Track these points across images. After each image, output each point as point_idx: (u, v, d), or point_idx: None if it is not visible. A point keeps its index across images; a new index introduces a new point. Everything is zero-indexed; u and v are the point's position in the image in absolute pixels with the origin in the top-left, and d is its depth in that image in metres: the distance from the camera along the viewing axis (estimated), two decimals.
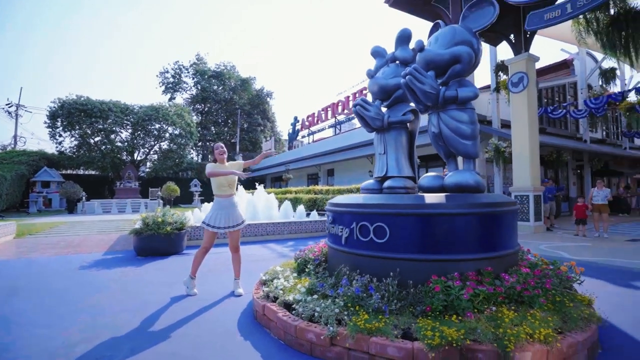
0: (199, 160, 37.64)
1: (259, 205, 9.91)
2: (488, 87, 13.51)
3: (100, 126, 25.06)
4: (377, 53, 3.95)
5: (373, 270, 2.79)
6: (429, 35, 3.55)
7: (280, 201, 11.77)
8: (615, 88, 16.00)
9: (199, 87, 38.42)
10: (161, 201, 21.15)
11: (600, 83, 15.65)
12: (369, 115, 3.54)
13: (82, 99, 24.58)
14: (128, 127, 26.73)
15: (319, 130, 29.85)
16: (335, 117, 26.76)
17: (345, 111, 25.18)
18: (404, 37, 3.64)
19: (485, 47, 12.24)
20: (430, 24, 3.91)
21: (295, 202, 12.83)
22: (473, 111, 3.20)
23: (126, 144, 27.00)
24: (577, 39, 8.05)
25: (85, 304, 3.48)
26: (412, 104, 3.52)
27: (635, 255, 5.90)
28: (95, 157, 25.30)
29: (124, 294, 3.85)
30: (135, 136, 27.17)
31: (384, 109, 3.71)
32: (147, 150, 28.86)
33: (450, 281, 2.48)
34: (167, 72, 38.27)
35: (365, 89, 20.52)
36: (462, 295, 2.37)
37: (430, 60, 3.12)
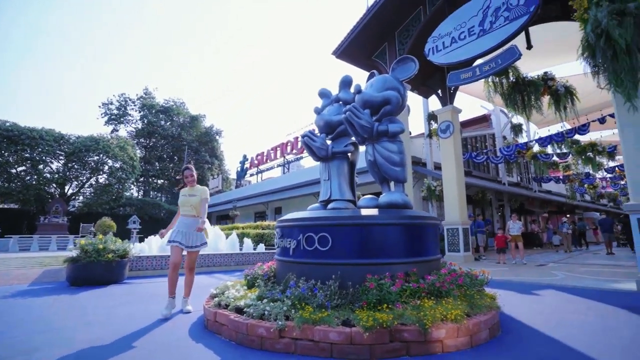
0: (140, 196, 35.49)
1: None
2: (422, 133, 15.24)
3: (27, 155, 22.92)
4: (323, 94, 4.61)
5: (318, 276, 3.14)
6: (366, 82, 4.29)
7: (228, 235, 11.65)
8: (523, 139, 18.90)
9: (145, 121, 37.21)
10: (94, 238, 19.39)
11: (512, 135, 18.43)
12: (316, 145, 4.08)
13: (8, 124, 22.54)
14: (61, 157, 24.75)
15: (267, 169, 30.19)
16: (284, 157, 27.44)
17: (294, 151, 25.97)
18: (346, 82, 4.34)
19: (419, 99, 14.05)
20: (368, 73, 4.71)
21: (242, 237, 12.76)
22: (401, 143, 3.88)
23: (57, 175, 24.80)
24: (487, 97, 9.72)
25: (27, 327, 3.30)
26: (353, 138, 4.15)
27: (539, 274, 6.96)
28: (15, 188, 22.76)
29: (64, 316, 3.68)
30: (69, 168, 25.16)
31: (328, 142, 4.29)
32: (81, 184, 26.70)
33: (382, 279, 2.92)
34: (112, 103, 36.72)
35: (313, 130, 21.65)
36: (392, 290, 2.81)
37: (367, 100, 3.80)
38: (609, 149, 13.44)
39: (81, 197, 27.70)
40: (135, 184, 35.75)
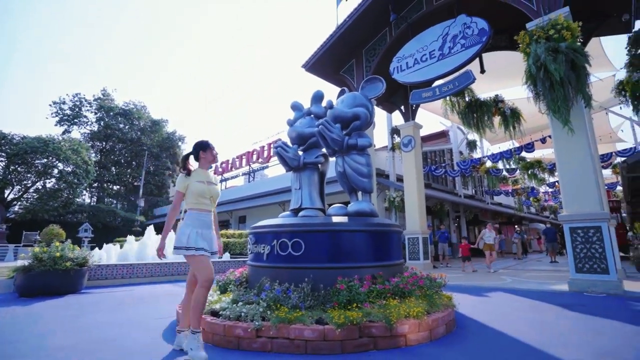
0: (93, 203, 33.36)
1: (169, 245, 9.50)
2: (386, 146, 15.96)
3: None
4: (295, 107, 4.85)
5: (291, 279, 3.31)
6: (337, 98, 4.59)
7: None
8: (477, 155, 20.35)
9: (102, 124, 35.27)
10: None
11: (467, 150, 19.80)
12: (288, 156, 4.29)
13: None
14: (1, 158, 22.76)
15: (232, 177, 29.80)
16: (250, 166, 27.25)
17: (260, 160, 25.85)
18: (318, 97, 4.62)
19: (384, 114, 14.74)
20: (337, 88, 5.02)
21: None
22: (369, 156, 4.20)
23: None
24: (443, 114, 10.50)
25: None
26: (324, 150, 4.41)
27: (491, 279, 7.59)
28: None
29: (20, 328, 3.52)
30: (10, 171, 23.18)
31: (300, 152, 4.52)
32: (25, 188, 24.65)
33: (352, 282, 3.16)
34: (64, 102, 34.40)
35: (280, 140, 21.83)
36: (361, 291, 3.05)
37: (337, 116, 4.09)
38: (549, 166, 14.86)
39: (25, 203, 25.54)
40: (88, 189, 33.57)
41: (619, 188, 16.00)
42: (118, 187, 37.89)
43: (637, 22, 8.36)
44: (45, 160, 23.91)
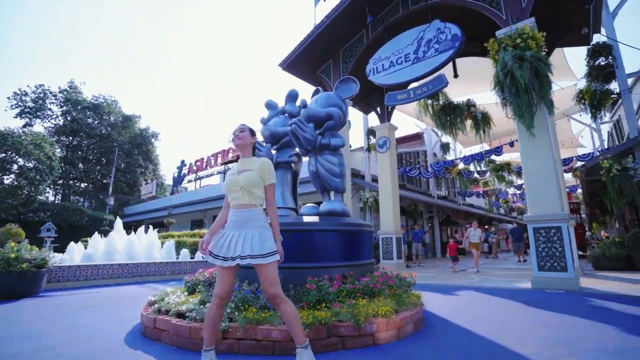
0: (58, 201, 31.71)
1: (139, 245, 9.18)
2: (362, 147, 16.12)
3: None
4: (269, 105, 4.81)
5: None
6: (312, 97, 4.58)
7: (163, 244, 11.08)
8: (450, 157, 20.97)
9: (69, 118, 33.53)
10: None
11: (441, 152, 20.35)
12: (261, 155, 4.23)
13: None
14: None
15: (207, 176, 29.23)
16: (225, 164, 26.84)
17: (236, 158, 25.56)
18: (292, 96, 4.59)
19: (360, 114, 14.87)
20: (313, 87, 5.02)
21: (179, 246, 12.22)
22: (342, 156, 4.22)
23: None
24: (417, 116, 10.74)
25: None
26: (297, 149, 4.39)
27: (460, 278, 7.84)
28: None
29: None
30: None
31: (273, 151, 4.49)
32: None
33: (322, 281, 3.16)
34: (26, 94, 32.43)
35: (258, 140, 21.61)
36: (331, 291, 3.06)
37: (311, 115, 4.08)
38: (516, 169, 15.51)
39: None
40: (52, 186, 31.90)
41: (579, 190, 16.96)
42: (86, 184, 36.20)
43: (595, 35, 8.89)
44: (3, 155, 22.49)
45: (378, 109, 12.18)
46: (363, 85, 4.83)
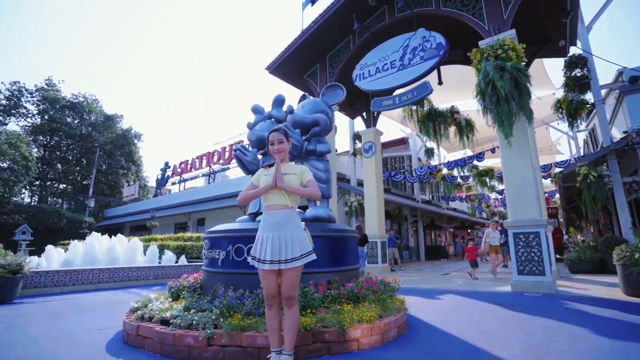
0: (34, 202, 30.61)
1: (121, 249, 8.97)
2: (348, 151, 16.24)
3: None
4: (256, 110, 4.81)
5: (246, 285, 3.26)
6: (298, 102, 4.61)
7: (146, 247, 10.85)
8: (434, 162, 21.35)
9: (46, 117, 32.45)
10: None
11: (425, 157, 20.70)
12: (247, 159, 4.24)
13: None
14: None
15: (191, 178, 28.79)
16: (210, 167, 26.50)
17: (221, 161, 25.23)
18: (279, 101, 4.61)
19: (346, 119, 14.99)
20: (301, 92, 5.06)
21: (162, 249, 11.99)
22: (328, 162, 4.27)
23: None
24: (401, 122, 10.92)
25: None
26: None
27: (443, 282, 7.97)
28: None
29: None
30: None
31: (259, 156, 4.49)
32: None
33: (307, 287, 3.18)
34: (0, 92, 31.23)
35: (241, 141, 21.52)
36: (316, 296, 3.08)
37: (297, 121, 4.11)
38: (498, 174, 15.91)
39: None
40: (28, 188, 30.78)
41: (557, 196, 17.54)
42: (64, 185, 35.09)
43: (572, 48, 9.28)
44: None
45: (364, 113, 12.32)
46: (349, 91, 4.87)
